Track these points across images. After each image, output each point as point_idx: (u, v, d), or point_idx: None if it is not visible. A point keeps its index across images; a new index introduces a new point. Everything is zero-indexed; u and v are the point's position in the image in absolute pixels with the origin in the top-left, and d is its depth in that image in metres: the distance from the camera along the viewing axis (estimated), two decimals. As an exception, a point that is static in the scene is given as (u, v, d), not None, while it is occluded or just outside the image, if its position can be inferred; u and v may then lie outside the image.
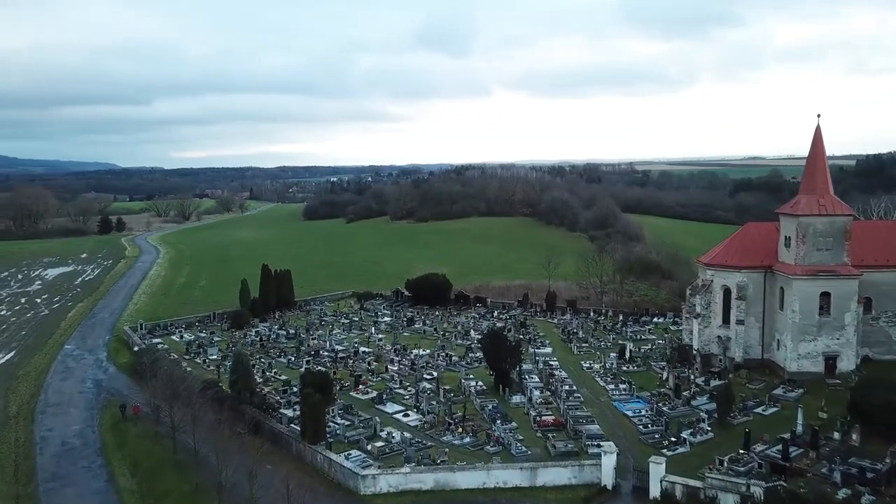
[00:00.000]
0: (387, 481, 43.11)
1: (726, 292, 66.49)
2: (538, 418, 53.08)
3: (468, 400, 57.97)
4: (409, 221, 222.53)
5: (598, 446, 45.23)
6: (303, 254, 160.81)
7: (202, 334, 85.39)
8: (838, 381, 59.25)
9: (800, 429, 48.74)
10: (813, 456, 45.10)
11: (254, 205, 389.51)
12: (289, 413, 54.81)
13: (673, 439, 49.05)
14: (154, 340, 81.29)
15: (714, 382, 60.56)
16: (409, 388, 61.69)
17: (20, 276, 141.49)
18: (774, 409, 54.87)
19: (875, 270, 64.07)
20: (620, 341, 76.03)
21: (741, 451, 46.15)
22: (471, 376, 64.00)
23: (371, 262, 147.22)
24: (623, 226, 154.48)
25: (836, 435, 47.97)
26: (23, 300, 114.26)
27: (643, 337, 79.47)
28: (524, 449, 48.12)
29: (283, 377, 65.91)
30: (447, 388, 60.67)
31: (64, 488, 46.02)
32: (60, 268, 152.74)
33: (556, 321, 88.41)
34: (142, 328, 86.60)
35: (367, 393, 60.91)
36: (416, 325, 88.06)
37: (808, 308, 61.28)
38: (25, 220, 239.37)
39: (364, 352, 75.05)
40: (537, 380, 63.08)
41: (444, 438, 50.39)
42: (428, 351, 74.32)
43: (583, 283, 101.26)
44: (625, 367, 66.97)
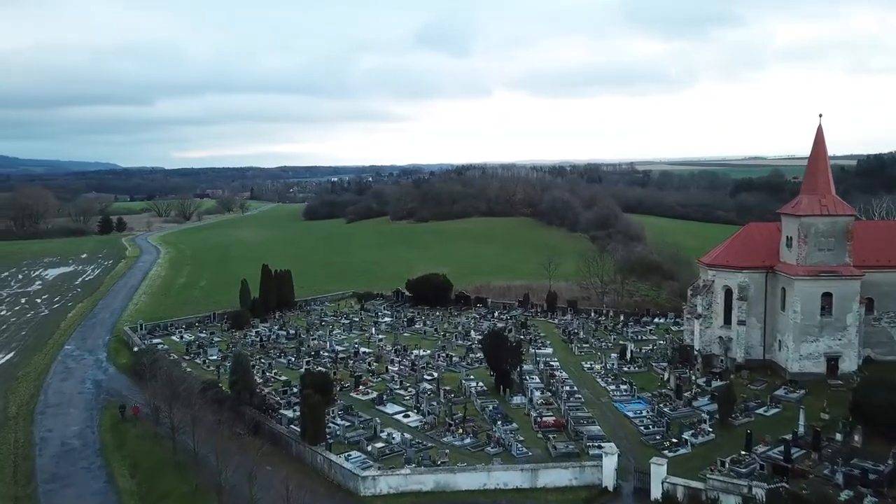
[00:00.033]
0: (387, 482, 43.01)
1: (728, 293, 66.34)
2: (539, 419, 52.93)
3: (469, 401, 57.81)
4: (410, 221, 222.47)
5: (599, 447, 45.10)
6: (303, 254, 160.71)
7: (202, 335, 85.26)
8: (840, 382, 59.07)
9: (801, 430, 48.59)
10: (815, 457, 44.98)
11: (254, 205, 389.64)
12: (289, 414, 54.66)
13: (674, 440, 48.93)
14: (154, 341, 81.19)
15: (715, 383, 60.39)
16: (410, 389, 61.54)
17: (20, 276, 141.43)
18: (776, 409, 54.68)
19: (877, 271, 63.87)
20: (621, 342, 75.90)
21: (743, 452, 46.00)
22: (471, 377, 63.83)
23: (371, 262, 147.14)
24: (624, 226, 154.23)
25: (838, 436, 47.80)
26: (23, 300, 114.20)
27: (644, 337, 79.30)
28: (525, 450, 47.94)
29: (283, 378, 65.77)
30: (448, 388, 60.53)
31: (63, 489, 45.89)
32: (61, 268, 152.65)
33: (556, 322, 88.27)
34: (142, 328, 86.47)
35: (368, 394, 60.78)
36: (417, 326, 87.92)
37: (809, 308, 61.11)
38: (26, 220, 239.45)
39: (364, 352, 74.89)
40: (538, 380, 62.93)
41: (445, 439, 50.25)
42: (428, 351, 74.15)
43: (584, 283, 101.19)
44: (626, 368, 66.81)
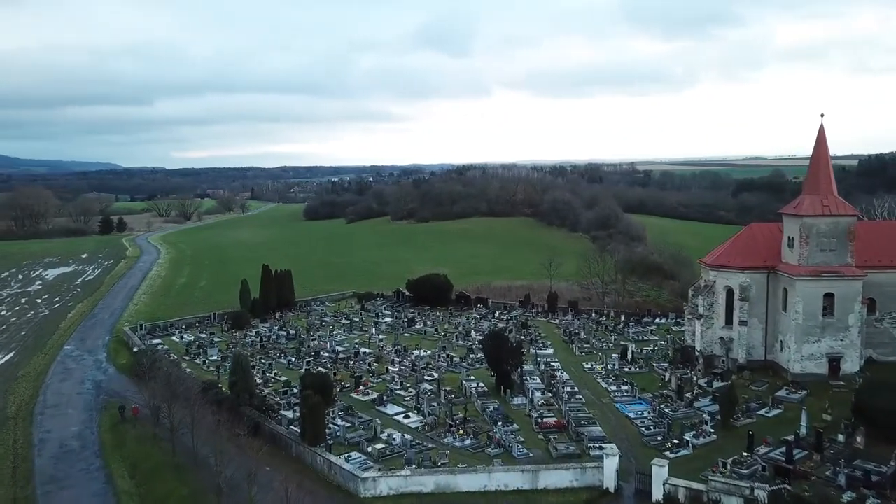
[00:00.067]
0: (387, 484, 42.81)
1: (729, 293, 66.12)
2: (539, 420, 52.75)
3: (469, 401, 57.61)
4: (410, 222, 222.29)
5: (599, 448, 44.95)
6: (303, 254, 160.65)
7: (202, 335, 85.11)
8: (842, 383, 58.84)
9: (803, 431, 48.39)
10: (817, 458, 44.77)
11: (255, 205, 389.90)
12: (289, 414, 54.48)
13: (675, 441, 48.69)
14: (154, 341, 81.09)
15: (717, 384, 60.17)
16: (410, 390, 61.34)
17: (20, 277, 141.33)
18: (778, 410, 54.45)
19: (879, 271, 63.63)
20: (622, 342, 75.71)
21: (744, 453, 45.78)
22: (472, 377, 63.63)
23: (372, 262, 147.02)
24: (625, 226, 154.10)
25: (841, 437, 47.59)
26: (23, 300, 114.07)
27: (645, 338, 79.12)
28: (525, 451, 47.75)
29: (283, 378, 65.60)
30: (448, 389, 60.34)
31: (61, 491, 45.64)
32: (61, 268, 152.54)
33: (557, 322, 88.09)
34: (142, 329, 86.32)
35: (368, 394, 60.59)
36: (417, 326, 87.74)
37: (811, 309, 60.87)
38: (27, 220, 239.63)
39: (365, 353, 74.70)
40: (539, 381, 62.73)
41: (445, 440, 50.05)
42: (429, 352, 73.98)
43: (584, 283, 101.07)
44: (627, 369, 66.61)
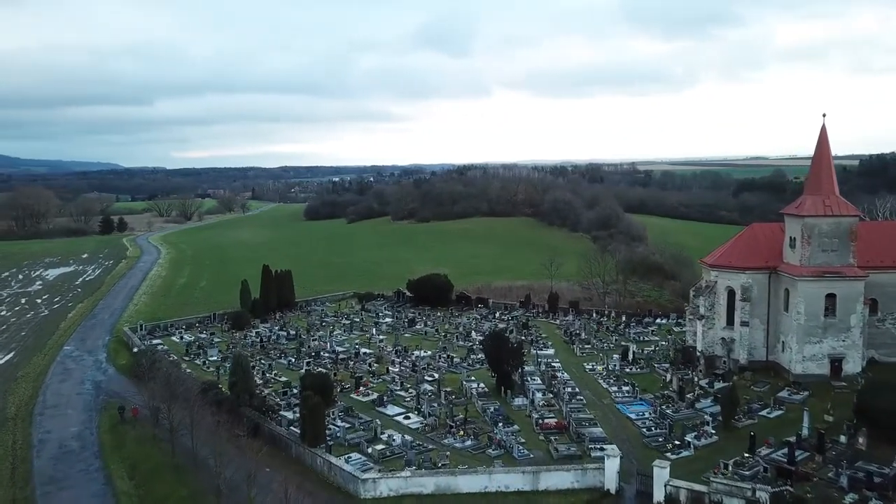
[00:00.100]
0: (387, 485, 42.65)
1: (730, 293, 65.92)
2: (540, 421, 52.58)
3: (470, 402, 57.45)
4: (411, 222, 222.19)
5: (601, 449, 44.78)
6: (304, 254, 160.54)
7: (202, 335, 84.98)
8: (844, 384, 58.63)
9: (805, 432, 48.20)
10: (819, 460, 44.59)
11: (255, 205, 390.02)
12: (289, 415, 54.34)
13: (677, 442, 48.50)
14: (154, 341, 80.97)
15: (718, 385, 59.96)
16: (410, 390, 61.18)
17: (21, 277, 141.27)
18: (779, 411, 54.28)
19: (881, 271, 63.43)
20: (623, 343, 75.52)
21: (746, 454, 45.61)
22: (472, 378, 63.47)
23: (372, 262, 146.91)
24: (626, 226, 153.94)
25: (843, 438, 47.38)
26: (23, 300, 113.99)
27: (646, 338, 78.92)
28: (526, 452, 47.59)
29: (283, 379, 65.49)
30: (448, 390, 60.17)
31: (61, 491, 45.52)
32: (61, 268, 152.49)
33: (558, 322, 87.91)
34: (142, 329, 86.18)
35: (368, 395, 60.43)
36: (418, 326, 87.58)
37: (813, 309, 60.66)
38: (27, 220, 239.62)
39: (365, 353, 74.57)
40: (539, 382, 62.58)
41: (446, 441, 49.90)
42: (429, 352, 73.83)
43: (585, 283, 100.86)
44: (628, 369, 66.43)
